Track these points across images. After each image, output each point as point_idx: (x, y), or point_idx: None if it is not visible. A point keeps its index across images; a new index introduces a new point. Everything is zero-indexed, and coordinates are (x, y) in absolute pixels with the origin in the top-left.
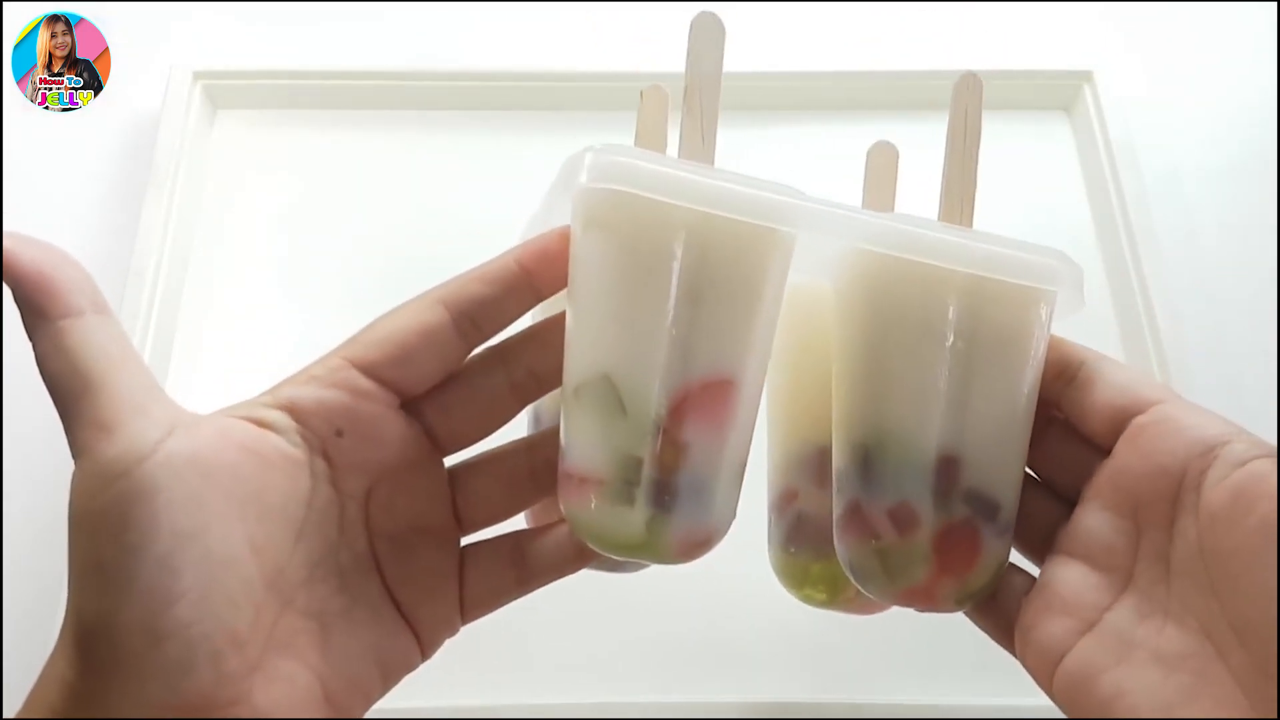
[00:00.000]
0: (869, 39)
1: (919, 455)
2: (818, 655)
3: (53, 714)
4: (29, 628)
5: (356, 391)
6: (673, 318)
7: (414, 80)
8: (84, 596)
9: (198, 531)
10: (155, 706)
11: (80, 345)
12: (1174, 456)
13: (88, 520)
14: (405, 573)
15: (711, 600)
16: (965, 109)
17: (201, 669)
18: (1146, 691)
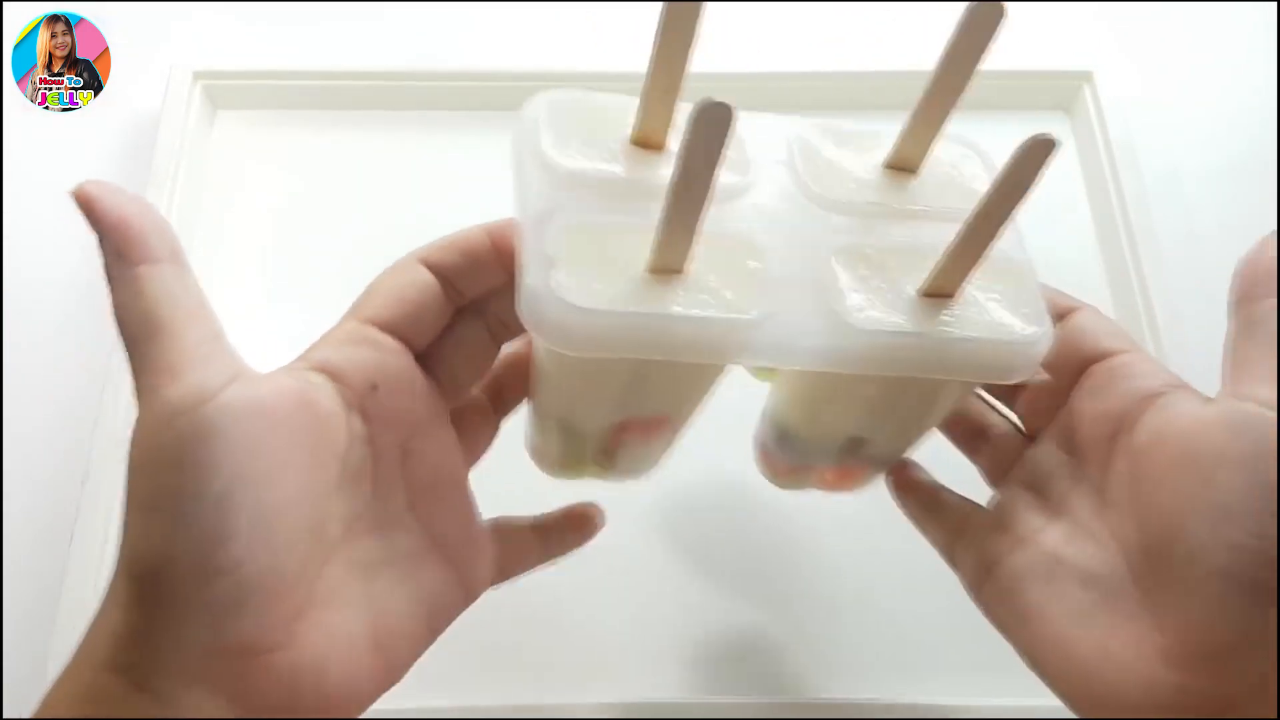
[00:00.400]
0: (869, 39)
1: (829, 442)
2: (818, 655)
3: (102, 657)
4: (29, 628)
5: (382, 347)
6: (618, 401)
7: (414, 80)
8: (139, 535)
9: (254, 475)
10: (200, 648)
11: (155, 291)
12: (1119, 401)
13: (148, 458)
14: (445, 519)
15: (711, 600)
16: (1023, 176)
17: (249, 611)
18: (1060, 608)
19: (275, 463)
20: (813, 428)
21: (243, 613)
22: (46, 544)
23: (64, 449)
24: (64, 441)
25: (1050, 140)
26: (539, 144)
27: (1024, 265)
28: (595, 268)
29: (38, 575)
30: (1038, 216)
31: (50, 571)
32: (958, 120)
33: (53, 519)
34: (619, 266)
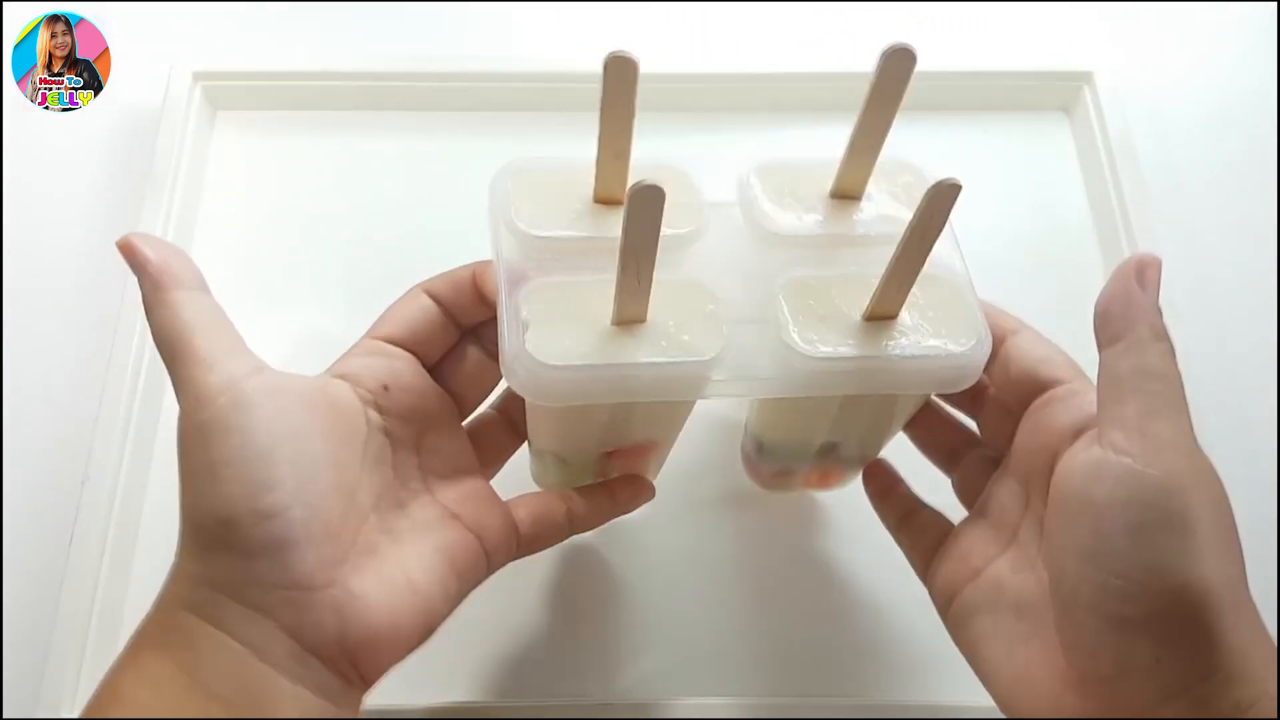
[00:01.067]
0: (869, 39)
1: (804, 448)
2: (818, 655)
3: (175, 598)
4: (29, 628)
5: (391, 355)
6: (602, 436)
7: (414, 81)
8: (196, 494)
9: (289, 436)
10: (257, 584)
11: (187, 309)
12: (1052, 436)
13: (197, 431)
14: (462, 497)
15: (711, 601)
16: (935, 215)
17: (301, 548)
18: (996, 636)
19: (305, 429)
20: (787, 438)
21: (292, 552)
22: (46, 544)
23: (64, 449)
24: (64, 442)
25: (955, 184)
26: (509, 214)
27: (962, 283)
28: (565, 325)
29: (37, 575)
30: (1038, 216)
31: (50, 572)
32: (959, 120)
33: (53, 519)
34: (587, 322)
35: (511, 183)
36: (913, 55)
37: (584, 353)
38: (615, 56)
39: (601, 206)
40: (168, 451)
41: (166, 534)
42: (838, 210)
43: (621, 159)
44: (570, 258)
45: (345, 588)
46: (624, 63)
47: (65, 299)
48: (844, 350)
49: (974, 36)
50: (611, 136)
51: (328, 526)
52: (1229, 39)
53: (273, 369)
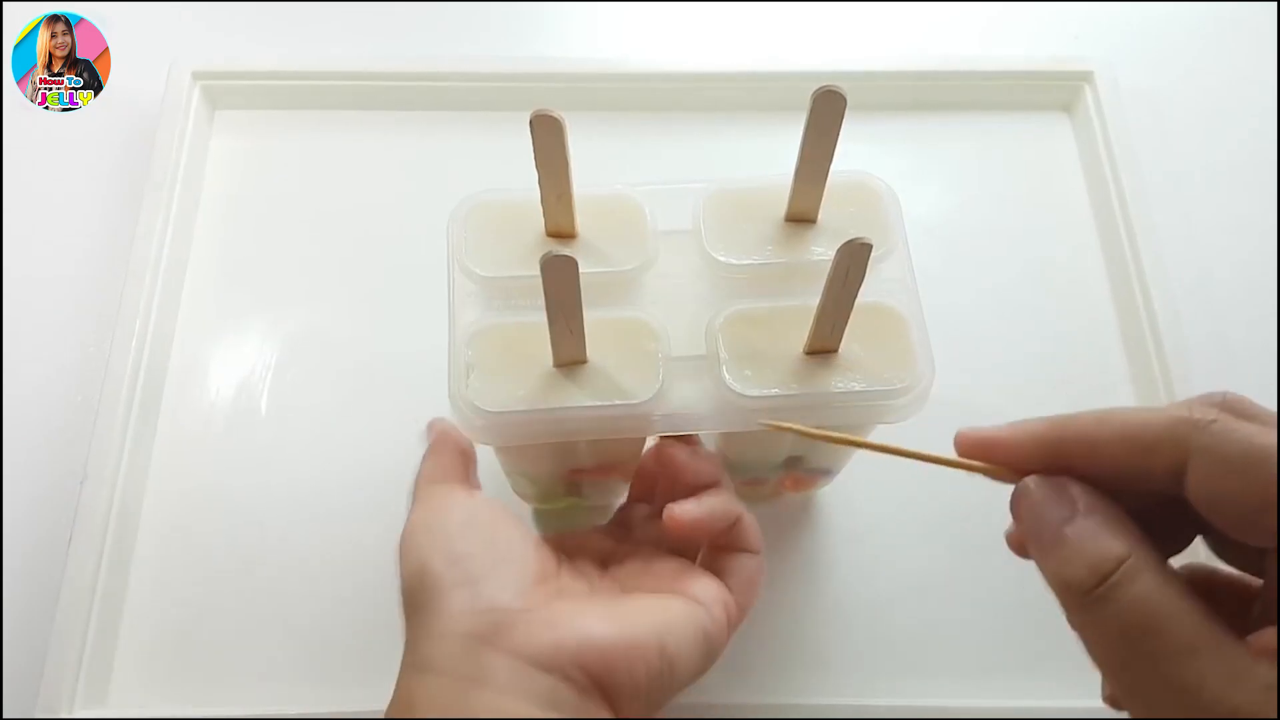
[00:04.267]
0: (869, 40)
1: (767, 464)
2: (818, 656)
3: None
4: (29, 628)
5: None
6: (560, 461)
7: (414, 80)
8: (405, 563)
9: (480, 522)
10: (460, 611)
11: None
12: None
13: (417, 523)
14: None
15: None
16: (852, 270)
17: (491, 582)
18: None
19: (491, 520)
20: (747, 458)
21: (483, 584)
22: (46, 544)
23: (63, 449)
24: (62, 442)
25: (865, 244)
26: (460, 253)
27: (908, 312)
28: (506, 368)
29: (37, 575)
30: (1038, 216)
31: (49, 571)
32: (960, 120)
33: (52, 519)
34: (528, 363)
35: (466, 221)
36: (842, 97)
37: (523, 396)
38: (539, 116)
39: (553, 240)
40: (166, 451)
41: (165, 533)
42: (791, 235)
43: (564, 200)
44: (513, 299)
45: (555, 609)
46: (549, 121)
47: (65, 299)
48: (775, 390)
49: (974, 36)
50: (550, 183)
51: (519, 580)
52: (1229, 39)
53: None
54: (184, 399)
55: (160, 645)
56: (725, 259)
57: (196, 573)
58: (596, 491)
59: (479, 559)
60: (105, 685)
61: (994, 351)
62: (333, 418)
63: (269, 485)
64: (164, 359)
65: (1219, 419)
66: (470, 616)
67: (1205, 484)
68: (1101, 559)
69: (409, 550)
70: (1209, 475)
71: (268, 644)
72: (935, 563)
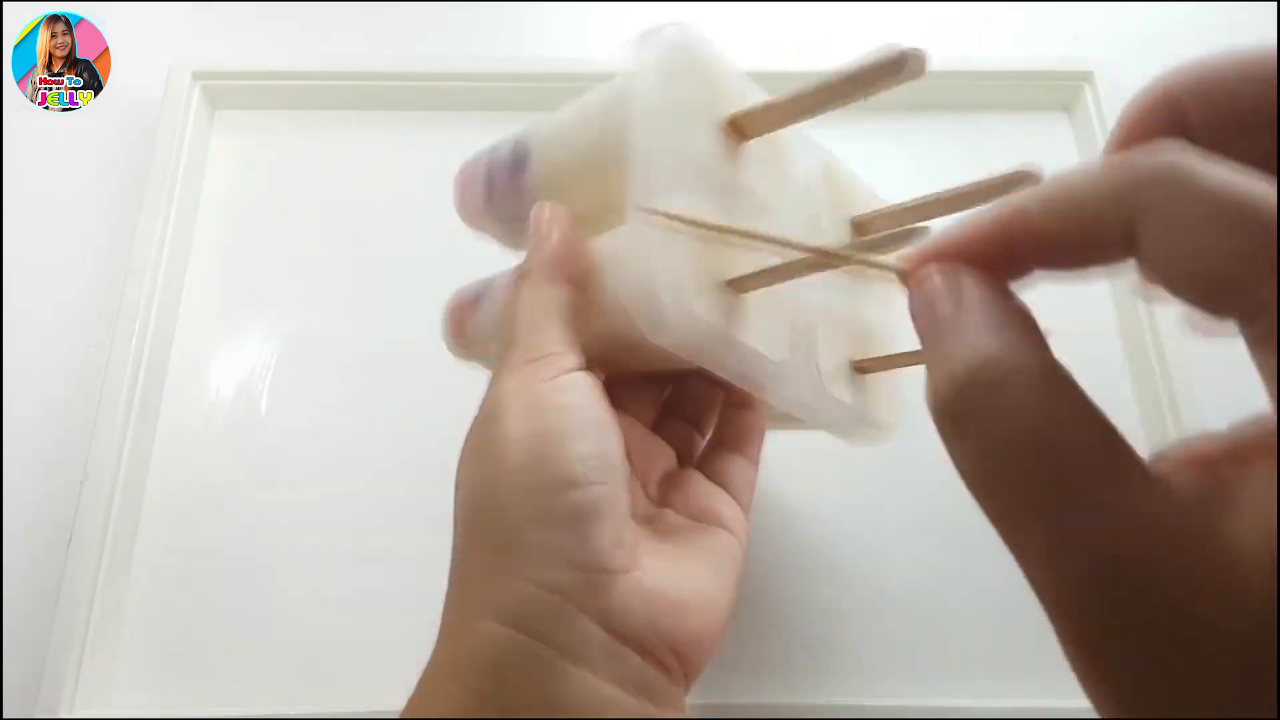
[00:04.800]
0: (869, 40)
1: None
2: (818, 656)
3: (476, 610)
4: (29, 628)
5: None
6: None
7: (414, 80)
8: (507, 461)
9: (595, 422)
10: (568, 558)
11: (554, 299)
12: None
13: (514, 400)
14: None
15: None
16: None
17: (604, 524)
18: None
19: (606, 419)
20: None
21: (595, 525)
22: (45, 544)
23: (63, 449)
24: (63, 442)
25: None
26: (650, 133)
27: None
28: (693, 273)
29: (37, 575)
30: None
31: (49, 572)
32: (960, 120)
33: (51, 519)
34: (709, 274)
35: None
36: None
37: (708, 312)
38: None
39: (732, 138)
40: (166, 451)
41: (165, 533)
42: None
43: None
44: (704, 196)
45: (650, 574)
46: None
47: (65, 299)
48: (844, 398)
49: (974, 36)
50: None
51: (625, 511)
52: (1229, 39)
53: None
54: (184, 399)
55: (160, 645)
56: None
57: (196, 573)
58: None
59: (591, 490)
60: (105, 685)
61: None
62: (333, 418)
63: (269, 485)
64: (164, 359)
65: (1178, 164)
66: (568, 570)
67: (1157, 250)
68: (965, 361)
69: (505, 453)
70: (1160, 239)
71: (267, 644)
72: (935, 562)
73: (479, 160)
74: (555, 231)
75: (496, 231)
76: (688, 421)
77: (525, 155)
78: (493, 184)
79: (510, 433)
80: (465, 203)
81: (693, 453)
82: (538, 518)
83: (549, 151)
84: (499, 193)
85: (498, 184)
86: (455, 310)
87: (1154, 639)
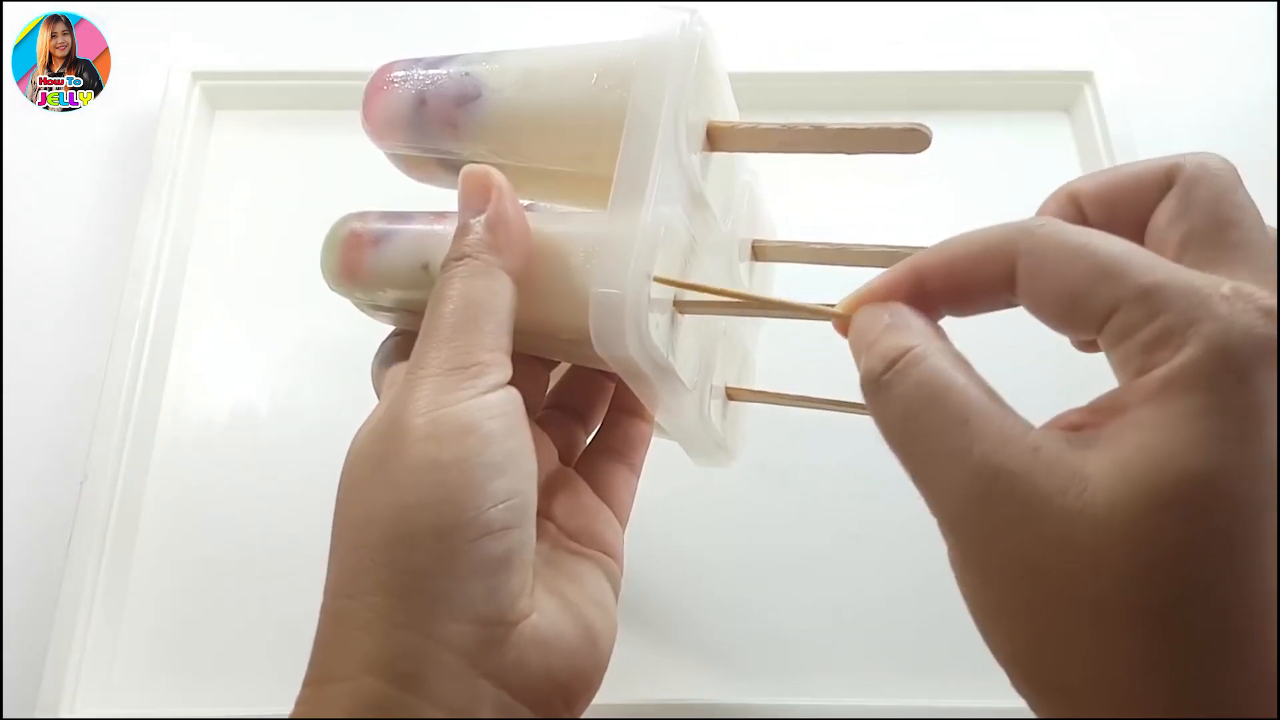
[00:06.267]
0: (869, 40)
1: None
2: (818, 656)
3: (364, 665)
4: (29, 628)
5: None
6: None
7: None
8: (412, 495)
9: (520, 452)
10: (473, 613)
11: (500, 292)
12: None
13: (431, 425)
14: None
15: (713, 603)
16: None
17: (515, 574)
18: None
19: (527, 446)
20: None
21: (508, 576)
22: (45, 544)
23: (62, 449)
24: (62, 442)
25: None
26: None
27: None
28: (657, 288)
29: (37, 575)
30: None
31: (48, 572)
32: (960, 120)
33: (51, 519)
34: (666, 290)
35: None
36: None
37: (659, 338)
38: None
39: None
40: (166, 451)
41: (165, 533)
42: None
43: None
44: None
45: (544, 616)
46: None
47: (65, 299)
48: (721, 432)
49: (974, 36)
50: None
51: (532, 554)
52: (1229, 39)
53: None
54: (184, 399)
55: (160, 645)
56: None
57: (196, 573)
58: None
59: (506, 537)
60: (105, 685)
61: (991, 352)
62: (332, 418)
63: (269, 485)
64: (164, 359)
65: (1048, 223)
66: (469, 625)
67: (1028, 283)
68: (891, 349)
69: (409, 483)
70: (1030, 274)
71: (267, 644)
72: (935, 562)
73: (407, 74)
74: (505, 210)
75: (404, 151)
76: (573, 414)
77: (477, 89)
78: (425, 105)
79: (416, 459)
80: (380, 114)
81: (574, 452)
82: (443, 567)
83: (514, 93)
84: (431, 118)
85: (433, 108)
86: (348, 244)
87: (1027, 547)
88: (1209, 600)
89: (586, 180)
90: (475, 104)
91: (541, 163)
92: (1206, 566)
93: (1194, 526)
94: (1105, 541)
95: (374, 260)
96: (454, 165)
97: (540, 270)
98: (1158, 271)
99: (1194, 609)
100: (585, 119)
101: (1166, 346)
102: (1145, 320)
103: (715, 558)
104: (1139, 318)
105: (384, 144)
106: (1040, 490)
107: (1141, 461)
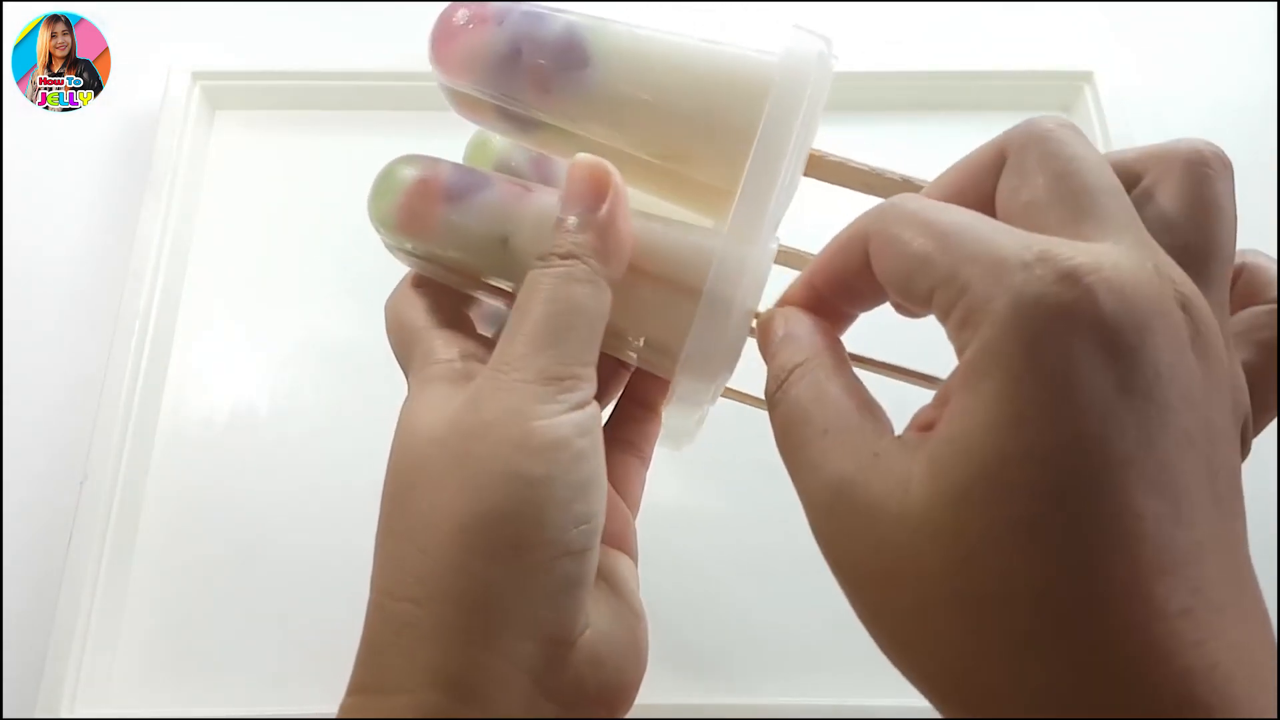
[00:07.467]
0: (869, 40)
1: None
2: (817, 656)
3: (425, 678)
4: (29, 628)
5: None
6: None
7: (414, 80)
8: (494, 504)
9: (601, 473)
10: (539, 631)
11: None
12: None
13: (524, 440)
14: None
15: (713, 604)
16: None
17: (583, 592)
18: None
19: (602, 469)
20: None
21: (577, 598)
22: (45, 544)
23: (62, 449)
24: (62, 442)
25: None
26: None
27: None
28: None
29: (37, 575)
30: None
31: (49, 572)
32: (960, 120)
33: (51, 519)
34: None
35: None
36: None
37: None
38: None
39: None
40: (166, 451)
41: (165, 533)
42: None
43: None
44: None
45: (596, 630)
46: None
47: (65, 299)
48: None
49: (974, 36)
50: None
51: (586, 586)
52: (1229, 39)
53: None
54: (184, 399)
55: (160, 645)
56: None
57: (196, 573)
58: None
59: (584, 559)
60: (105, 685)
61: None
62: (332, 418)
63: (269, 485)
64: (164, 359)
65: (896, 200)
66: (535, 644)
67: (876, 266)
68: (779, 368)
69: (492, 492)
70: (876, 256)
71: (267, 644)
72: None
73: (500, 13)
74: (618, 216)
75: (468, 91)
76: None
77: (584, 57)
78: (519, 58)
79: (503, 468)
80: (460, 52)
81: None
82: (518, 583)
83: (629, 74)
84: (523, 73)
85: (528, 64)
86: (416, 191)
87: (866, 556)
88: (1021, 589)
89: (668, 175)
90: (581, 73)
91: (628, 147)
92: (1012, 556)
93: (992, 516)
94: (921, 541)
95: (447, 216)
96: (514, 116)
97: (639, 269)
98: (969, 245)
99: (1009, 599)
100: (699, 121)
101: (967, 326)
102: (956, 299)
103: (712, 557)
104: (951, 296)
105: (451, 80)
106: (874, 497)
107: (948, 455)
